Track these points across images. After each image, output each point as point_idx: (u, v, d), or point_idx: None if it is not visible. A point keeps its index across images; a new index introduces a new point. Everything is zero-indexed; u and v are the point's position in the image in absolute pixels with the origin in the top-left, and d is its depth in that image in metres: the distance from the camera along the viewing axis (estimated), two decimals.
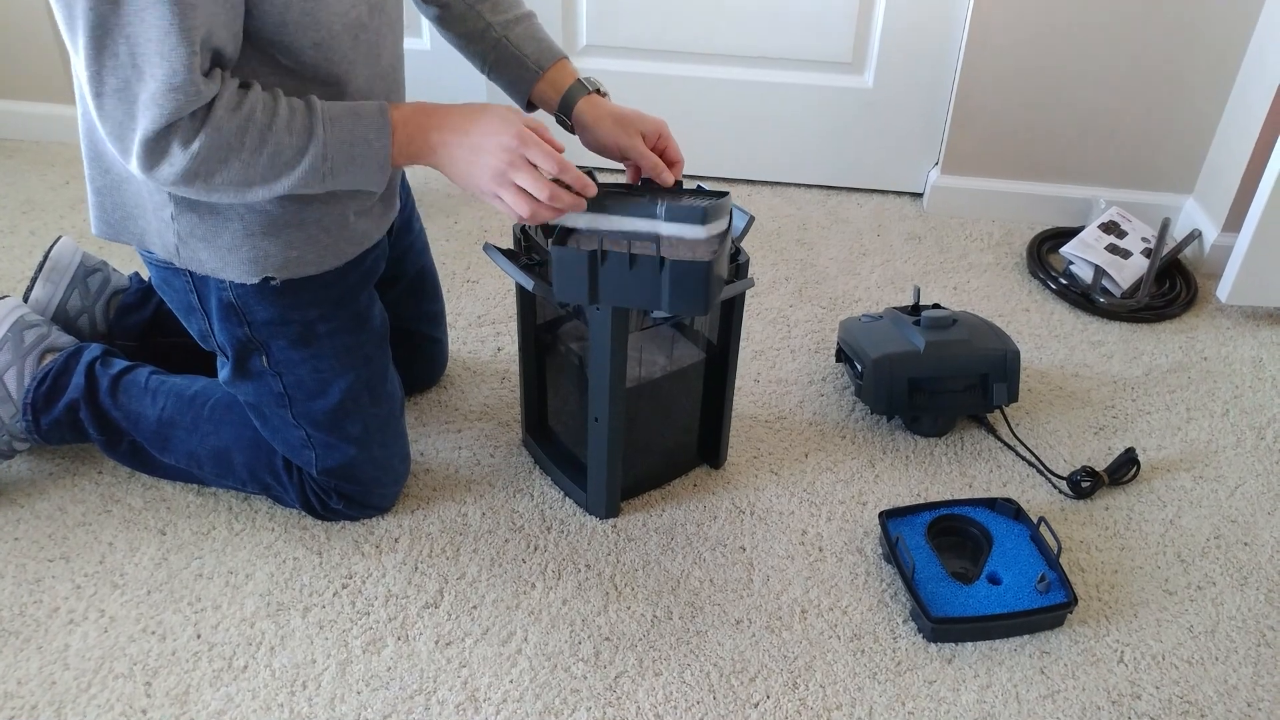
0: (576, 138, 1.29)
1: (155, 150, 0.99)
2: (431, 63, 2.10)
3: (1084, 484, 1.44)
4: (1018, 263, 1.97)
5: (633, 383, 1.31)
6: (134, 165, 1.00)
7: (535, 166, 1.09)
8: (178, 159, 0.99)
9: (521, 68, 1.28)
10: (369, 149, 1.08)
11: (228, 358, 1.27)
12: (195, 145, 0.99)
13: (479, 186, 1.11)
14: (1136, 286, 1.86)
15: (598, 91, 1.29)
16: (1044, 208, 2.07)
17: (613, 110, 1.26)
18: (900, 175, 2.15)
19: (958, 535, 1.37)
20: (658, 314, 1.26)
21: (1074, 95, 1.94)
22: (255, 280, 1.18)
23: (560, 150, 1.11)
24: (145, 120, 0.97)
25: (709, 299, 1.17)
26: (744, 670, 1.21)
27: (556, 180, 1.11)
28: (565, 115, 1.28)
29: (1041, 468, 1.50)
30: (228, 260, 1.17)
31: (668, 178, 1.24)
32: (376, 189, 1.13)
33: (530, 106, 1.31)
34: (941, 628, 1.23)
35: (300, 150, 1.05)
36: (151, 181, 1.03)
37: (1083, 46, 1.89)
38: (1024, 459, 1.52)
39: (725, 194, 1.27)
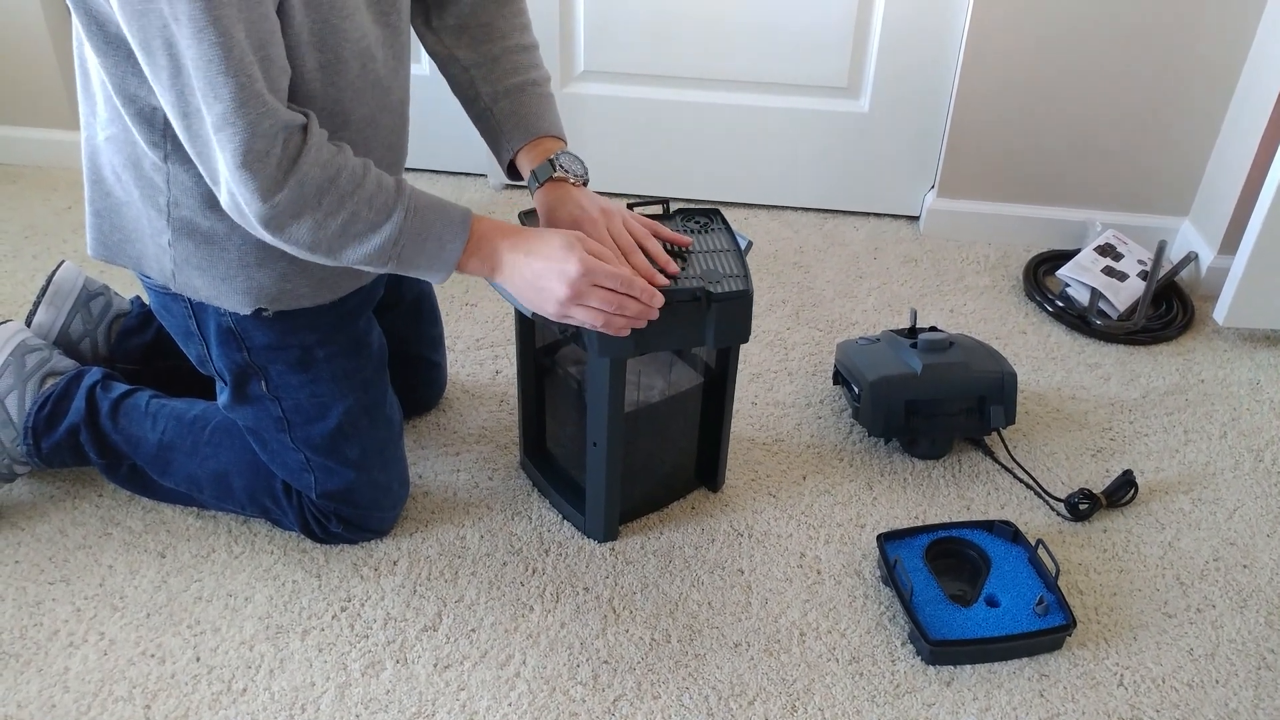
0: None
1: (243, 182, 0.99)
2: (431, 86, 2.12)
3: (1082, 506, 1.44)
4: (1014, 285, 1.97)
5: (631, 407, 1.31)
6: (223, 199, 1.02)
7: (603, 288, 1.12)
8: (254, 202, 1.00)
9: (496, 144, 1.29)
10: (441, 250, 1.11)
11: (226, 382, 1.27)
12: (279, 195, 1.00)
13: (545, 311, 1.14)
14: (1133, 309, 1.86)
15: (574, 175, 1.25)
16: (1040, 230, 2.08)
17: (576, 202, 1.23)
18: (896, 198, 2.16)
19: (956, 558, 1.37)
20: None
21: (1070, 118, 1.96)
22: (248, 311, 1.19)
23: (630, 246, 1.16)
24: (222, 146, 0.97)
25: (750, 326, 1.19)
26: (742, 693, 1.21)
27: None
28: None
29: (1039, 490, 1.50)
30: (222, 290, 1.18)
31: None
32: (436, 283, 1.15)
33: (515, 175, 1.30)
34: (940, 650, 1.23)
35: (374, 227, 1.06)
36: (252, 225, 1.03)
37: (1078, 70, 1.90)
38: (1021, 481, 1.52)
39: (715, 211, 1.29)
